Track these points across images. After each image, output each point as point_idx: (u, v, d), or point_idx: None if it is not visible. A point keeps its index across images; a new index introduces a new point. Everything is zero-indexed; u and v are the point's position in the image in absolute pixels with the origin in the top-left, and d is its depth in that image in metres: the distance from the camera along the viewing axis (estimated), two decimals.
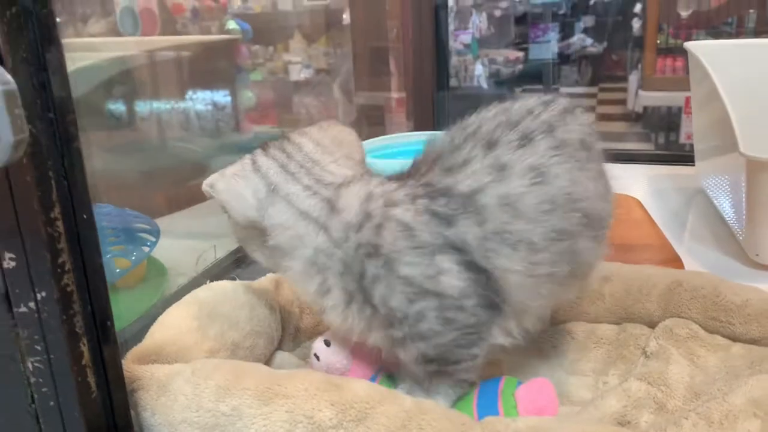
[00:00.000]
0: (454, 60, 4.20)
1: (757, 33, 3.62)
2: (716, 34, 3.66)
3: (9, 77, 0.31)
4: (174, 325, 0.54)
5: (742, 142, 0.75)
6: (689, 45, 1.01)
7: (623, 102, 4.16)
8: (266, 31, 2.97)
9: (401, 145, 0.99)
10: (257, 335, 0.58)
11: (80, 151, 0.38)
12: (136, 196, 0.98)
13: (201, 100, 1.29)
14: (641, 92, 3.32)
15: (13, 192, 0.35)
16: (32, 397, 0.40)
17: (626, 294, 0.64)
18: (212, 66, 1.29)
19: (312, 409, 0.41)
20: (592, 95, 4.83)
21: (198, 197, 1.06)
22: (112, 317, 0.41)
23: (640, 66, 3.58)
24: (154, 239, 0.77)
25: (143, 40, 1.08)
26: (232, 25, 2.99)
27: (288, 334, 0.64)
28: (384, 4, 2.63)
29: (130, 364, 0.47)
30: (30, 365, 0.39)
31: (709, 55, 0.94)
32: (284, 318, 0.64)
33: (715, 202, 0.97)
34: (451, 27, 4.11)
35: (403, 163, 0.54)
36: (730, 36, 3.65)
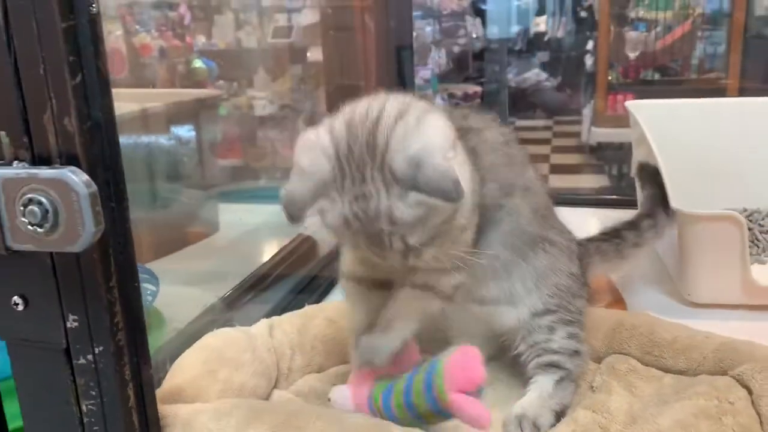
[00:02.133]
0: (417, 95, 4.34)
1: (700, 72, 3.86)
2: (663, 71, 3.90)
3: (91, 181, 0.39)
4: (189, 369, 0.62)
5: (672, 196, 0.87)
6: (629, 104, 1.14)
7: (577, 135, 4.35)
8: (231, 67, 3.04)
9: None
10: (259, 376, 0.66)
11: (131, 231, 0.46)
12: None
13: (166, 136, 1.35)
14: (593, 128, 3.49)
15: (81, 266, 0.43)
16: None
17: None
18: (194, 115, 1.38)
19: None
20: (548, 128, 5.03)
21: (183, 242, 1.13)
22: (150, 366, 0.49)
23: (592, 101, 3.77)
24: (154, 288, 0.84)
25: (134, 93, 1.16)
26: (198, 63, 3.06)
27: (281, 374, 0.72)
28: (354, 43, 2.74)
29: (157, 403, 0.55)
30: (84, 407, 0.47)
31: (646, 115, 1.07)
32: (278, 359, 0.72)
33: (655, 246, 1.09)
34: None
35: None
36: (676, 74, 3.88)
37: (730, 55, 3.45)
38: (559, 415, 0.64)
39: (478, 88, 5.29)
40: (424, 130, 0.52)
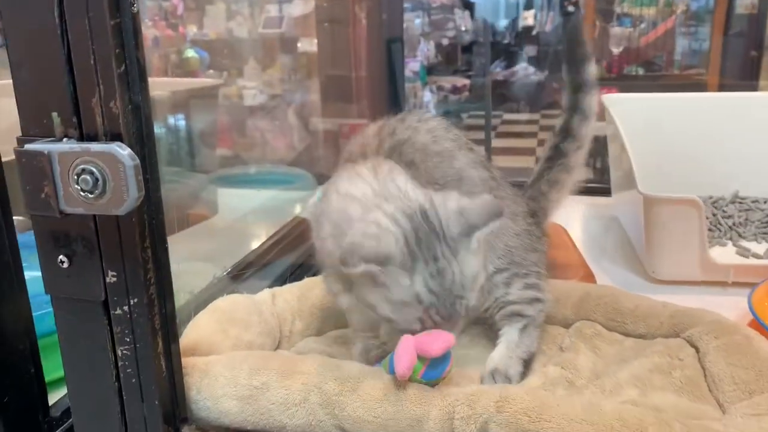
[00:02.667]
0: (406, 86, 4.40)
1: (682, 68, 3.95)
2: (647, 67, 3.99)
3: (134, 154, 0.47)
4: (203, 327, 0.70)
5: (639, 181, 0.95)
6: (604, 98, 1.22)
7: None
8: (221, 57, 3.09)
9: None
10: (265, 335, 0.74)
11: (161, 199, 0.53)
12: None
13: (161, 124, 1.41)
14: None
15: (120, 228, 0.51)
16: (117, 376, 0.55)
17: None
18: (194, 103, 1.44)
19: (320, 382, 0.57)
20: (534, 122, 5.12)
21: (186, 222, 1.20)
22: (176, 318, 0.57)
23: None
24: None
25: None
26: (190, 53, 3.10)
27: (284, 336, 0.80)
28: (347, 35, 2.79)
29: None
30: (119, 352, 0.54)
31: (618, 107, 1.15)
32: (281, 323, 0.80)
33: (625, 227, 1.18)
34: None
35: None
36: (659, 70, 3.98)
37: (711, 51, 3.54)
38: (528, 362, 0.71)
39: (467, 81, 5.36)
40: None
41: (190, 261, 1.05)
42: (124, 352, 0.54)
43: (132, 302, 0.53)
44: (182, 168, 1.25)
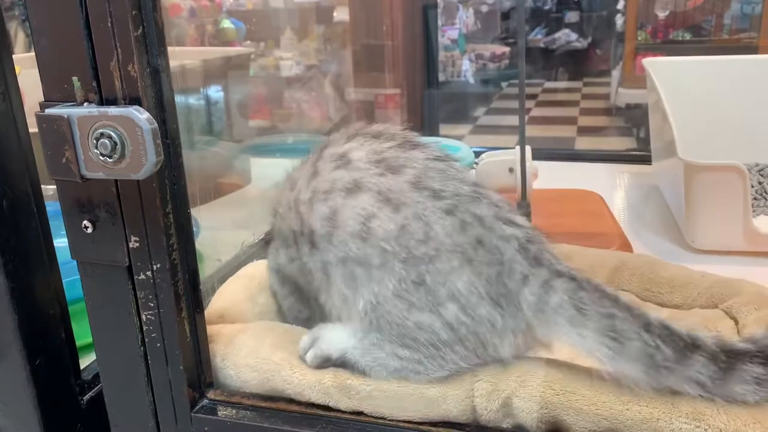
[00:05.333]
0: (441, 55, 4.34)
1: (732, 32, 3.79)
2: (694, 31, 3.84)
3: (152, 118, 0.46)
4: (231, 294, 0.70)
5: (680, 148, 0.92)
6: (646, 62, 1.17)
7: (606, 97, 4.32)
8: (257, 27, 3.08)
9: None
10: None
11: (183, 165, 0.53)
12: None
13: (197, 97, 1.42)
14: (621, 90, 3.48)
15: (142, 194, 0.51)
16: (143, 341, 0.56)
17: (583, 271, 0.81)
18: (227, 73, 1.44)
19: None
20: (577, 90, 5.00)
21: (219, 191, 1.21)
22: (199, 284, 0.57)
23: (621, 62, 3.73)
24: (195, 230, 0.93)
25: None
26: (226, 23, 3.10)
27: None
28: (380, 3, 2.75)
29: None
30: (144, 317, 0.55)
31: (659, 70, 1.11)
32: None
33: (665, 196, 1.14)
34: (439, 23, 4.24)
35: None
36: (707, 34, 3.82)
37: (764, 15, 3.39)
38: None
39: (506, 49, 5.25)
40: None
41: (221, 229, 1.06)
42: (149, 316, 0.55)
43: (155, 267, 0.53)
44: (215, 137, 1.25)
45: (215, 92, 1.56)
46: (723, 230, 0.93)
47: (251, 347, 0.60)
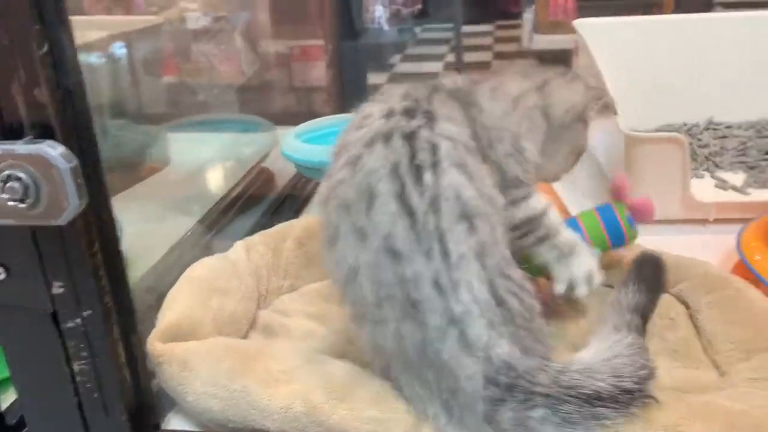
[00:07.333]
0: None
1: None
2: None
3: (71, 154, 0.39)
4: (181, 302, 0.64)
5: (619, 119, 0.90)
6: (577, 23, 1.15)
7: (518, 40, 4.33)
8: None
9: (333, 126, 1.07)
10: (247, 300, 0.69)
11: (109, 195, 0.46)
12: None
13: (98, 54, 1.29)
14: (535, 35, 3.48)
15: (64, 236, 0.44)
16: (76, 391, 0.50)
17: None
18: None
19: (306, 392, 0.52)
20: (489, 33, 4.99)
21: (134, 178, 1.11)
22: (137, 323, 0.51)
23: (533, 5, 3.72)
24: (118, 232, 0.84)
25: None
26: None
27: (261, 295, 0.75)
28: None
29: (154, 342, 0.57)
30: (76, 367, 0.48)
31: (593, 33, 1.09)
32: (258, 282, 0.75)
33: (601, 162, 1.13)
34: None
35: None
36: None
37: None
38: None
39: None
40: None
41: (145, 222, 0.98)
42: (82, 366, 0.48)
43: (85, 314, 0.47)
44: (126, 119, 1.15)
45: (119, 48, 1.43)
46: (662, 199, 0.93)
47: (207, 375, 0.55)
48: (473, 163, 0.53)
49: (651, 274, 0.67)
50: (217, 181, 1.19)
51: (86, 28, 1.26)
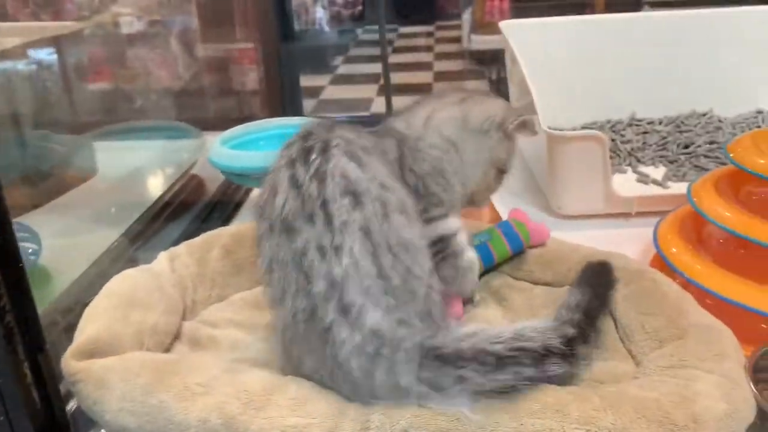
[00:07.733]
0: (294, 3, 4.18)
1: None
2: None
3: None
4: (100, 317, 0.62)
5: (542, 118, 0.93)
6: (503, 24, 1.17)
7: (458, 40, 4.38)
8: None
9: (260, 131, 1.06)
10: (170, 313, 0.68)
11: (7, 210, 0.45)
12: None
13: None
14: (473, 36, 3.54)
15: None
16: None
17: None
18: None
19: (221, 403, 0.52)
20: (430, 34, 5.03)
21: (58, 190, 1.08)
22: (44, 342, 0.49)
23: (471, 7, 3.77)
24: (36, 246, 0.81)
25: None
26: None
27: (186, 306, 0.74)
28: None
29: (69, 360, 0.56)
30: None
31: (521, 34, 1.11)
32: (183, 293, 0.74)
33: (526, 159, 1.16)
34: None
35: (266, 154, 0.62)
36: None
37: None
38: None
39: None
40: None
41: (68, 235, 0.95)
42: None
43: None
44: (48, 129, 1.11)
45: (44, 55, 1.39)
46: (585, 195, 0.96)
47: (123, 390, 0.54)
48: (368, 158, 0.56)
49: (599, 276, 0.69)
50: (145, 189, 1.17)
51: (5, 35, 1.22)
